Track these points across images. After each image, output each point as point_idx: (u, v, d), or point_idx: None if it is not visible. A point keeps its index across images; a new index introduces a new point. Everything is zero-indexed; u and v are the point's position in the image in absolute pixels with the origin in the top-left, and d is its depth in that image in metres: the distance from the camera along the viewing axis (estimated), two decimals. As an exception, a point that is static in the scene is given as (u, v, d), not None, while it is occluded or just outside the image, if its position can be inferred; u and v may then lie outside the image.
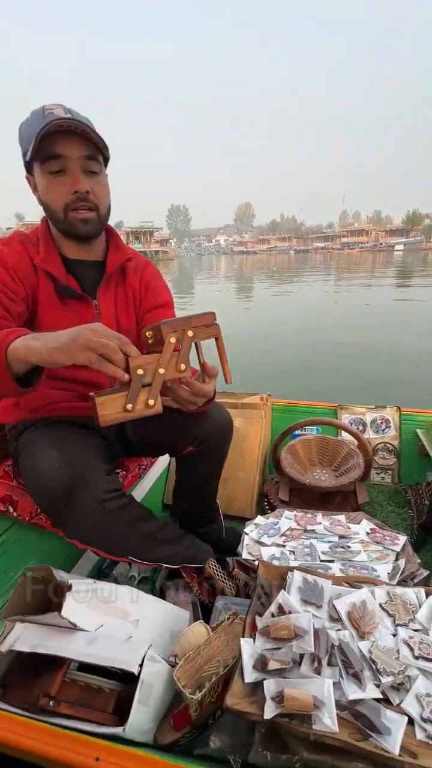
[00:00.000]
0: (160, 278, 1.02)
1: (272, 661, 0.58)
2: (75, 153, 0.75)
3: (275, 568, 0.78)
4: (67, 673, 0.57)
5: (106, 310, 0.90)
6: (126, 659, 0.56)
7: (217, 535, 1.12)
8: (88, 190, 0.77)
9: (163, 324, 0.61)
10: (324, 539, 0.99)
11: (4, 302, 0.77)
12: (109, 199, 0.84)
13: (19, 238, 0.85)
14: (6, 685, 0.59)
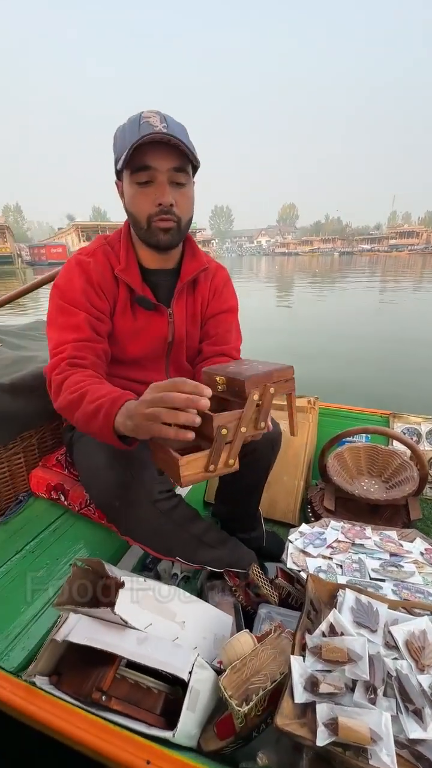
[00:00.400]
0: (230, 283, 1.01)
1: (324, 684, 0.56)
2: (164, 165, 0.75)
3: (325, 583, 0.75)
4: (118, 669, 0.58)
5: (178, 320, 0.91)
6: (177, 664, 0.56)
7: (257, 542, 1.11)
8: (172, 203, 0.77)
9: (248, 380, 0.57)
10: (374, 555, 0.94)
11: (94, 325, 0.80)
12: (191, 211, 0.84)
13: (102, 249, 0.86)
14: (60, 672, 0.61)
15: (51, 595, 0.80)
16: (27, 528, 0.99)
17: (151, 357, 0.92)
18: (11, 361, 1.20)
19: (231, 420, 0.57)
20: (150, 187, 0.76)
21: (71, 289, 0.81)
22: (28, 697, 0.56)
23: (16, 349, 1.35)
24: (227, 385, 0.60)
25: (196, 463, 0.56)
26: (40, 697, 0.56)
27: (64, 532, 0.98)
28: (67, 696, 0.58)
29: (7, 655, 0.67)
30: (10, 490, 1.07)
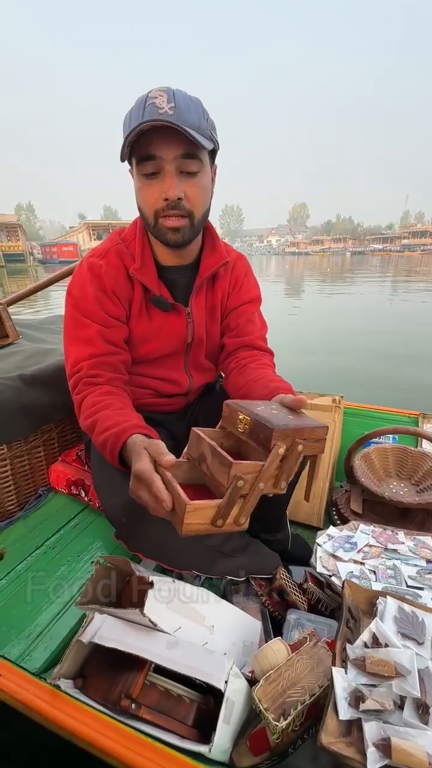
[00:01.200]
0: (250, 272, 0.95)
1: (370, 701, 0.51)
2: (170, 153, 0.66)
3: (363, 590, 0.71)
4: (147, 675, 0.55)
5: (197, 317, 0.87)
6: (212, 672, 0.52)
7: (282, 545, 1.06)
8: (180, 197, 0.69)
9: (276, 429, 0.49)
10: (409, 562, 0.89)
11: (109, 336, 0.77)
12: (206, 202, 0.75)
13: (116, 249, 0.81)
14: (85, 675, 0.58)
15: (73, 593, 0.77)
16: (47, 523, 0.96)
17: (169, 356, 0.88)
18: (31, 353, 1.18)
19: (250, 471, 0.49)
20: (156, 179, 0.69)
21: (84, 298, 0.77)
22: (53, 702, 0.53)
23: (36, 341, 1.33)
24: (251, 428, 0.53)
25: (204, 513, 0.49)
26: (66, 702, 0.53)
27: (84, 528, 0.95)
28: (93, 701, 0.54)
29: (29, 655, 0.64)
30: (29, 484, 1.05)
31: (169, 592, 0.62)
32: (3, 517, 0.98)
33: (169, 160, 0.67)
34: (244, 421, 0.54)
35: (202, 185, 0.72)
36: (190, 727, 0.52)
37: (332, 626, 0.79)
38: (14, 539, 0.91)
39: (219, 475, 0.51)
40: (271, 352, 0.93)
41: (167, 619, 0.59)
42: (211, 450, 0.54)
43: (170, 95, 0.65)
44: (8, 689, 0.55)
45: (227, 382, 0.89)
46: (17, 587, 0.78)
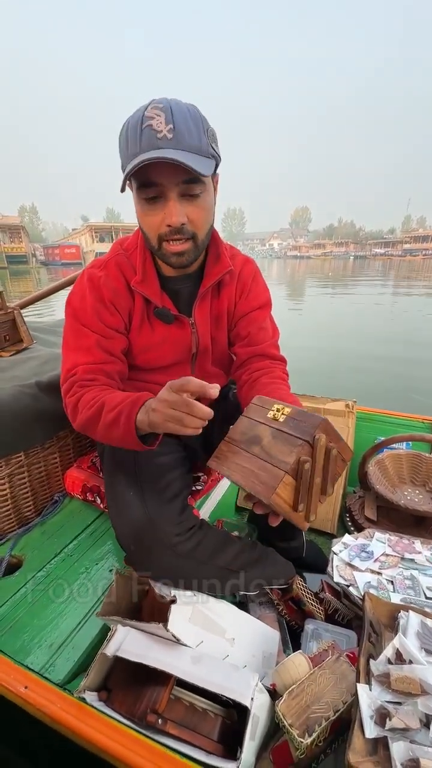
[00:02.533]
0: (259, 276, 0.92)
1: (396, 719, 0.51)
2: (172, 180, 0.64)
3: (384, 603, 0.70)
4: (173, 689, 0.55)
5: (201, 327, 0.85)
6: (237, 689, 0.52)
7: (297, 552, 1.06)
8: (184, 222, 0.67)
9: (323, 421, 0.53)
10: (427, 572, 0.88)
11: (107, 346, 0.76)
12: (210, 221, 0.73)
13: (116, 260, 0.80)
14: (109, 689, 0.58)
15: (93, 601, 0.78)
16: (64, 529, 0.97)
17: (175, 364, 0.87)
18: (47, 358, 1.18)
19: (308, 459, 0.52)
20: (158, 204, 0.67)
21: (83, 309, 0.77)
22: (80, 715, 0.53)
23: (50, 346, 1.34)
24: (291, 416, 0.56)
25: (290, 492, 0.52)
26: (93, 715, 0.53)
27: (101, 534, 0.96)
28: (119, 715, 0.55)
29: (53, 666, 0.65)
30: (46, 490, 1.06)
31: (190, 606, 0.62)
32: (21, 523, 0.99)
33: (171, 186, 0.65)
34: (281, 410, 0.58)
35: (206, 206, 0.70)
36: (215, 743, 0.53)
37: (351, 637, 0.79)
38: (33, 546, 0.91)
39: (282, 454, 0.53)
40: (283, 359, 0.90)
41: (189, 633, 0.59)
42: (271, 432, 0.56)
43: (168, 114, 0.61)
44: (36, 702, 0.55)
45: (240, 394, 0.88)
46: (37, 595, 0.79)
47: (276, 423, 0.57)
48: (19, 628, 0.72)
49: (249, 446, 0.58)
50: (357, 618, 0.84)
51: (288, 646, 0.81)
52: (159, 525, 0.71)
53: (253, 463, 0.55)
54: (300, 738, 0.54)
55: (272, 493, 0.50)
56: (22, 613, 0.75)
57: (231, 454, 0.59)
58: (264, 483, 0.52)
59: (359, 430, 1.41)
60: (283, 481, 0.51)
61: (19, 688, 0.57)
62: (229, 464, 0.58)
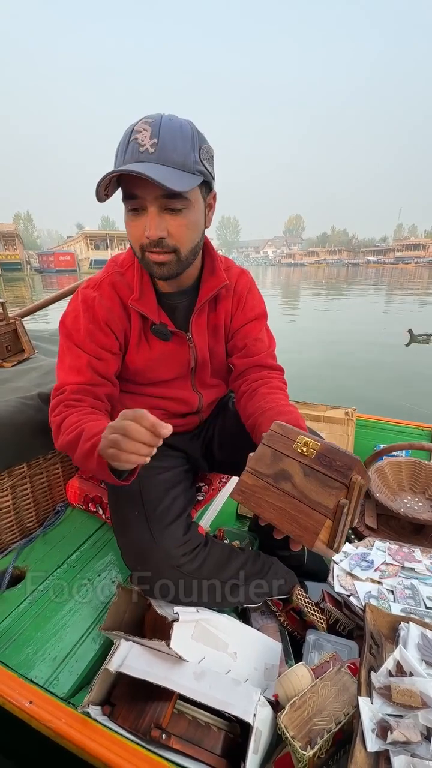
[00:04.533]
0: (254, 288, 0.93)
1: (397, 732, 0.52)
2: (151, 193, 0.64)
3: (385, 614, 0.71)
4: (176, 703, 0.56)
5: (199, 342, 0.85)
6: (240, 705, 0.53)
7: (298, 560, 1.06)
8: (162, 236, 0.67)
9: (360, 463, 0.54)
10: (427, 581, 0.89)
11: (98, 367, 0.75)
12: (195, 237, 0.72)
13: (110, 279, 0.79)
14: (113, 703, 0.59)
15: (96, 614, 0.78)
16: (66, 540, 0.97)
17: (175, 379, 0.88)
18: (48, 369, 1.19)
19: (346, 502, 0.52)
20: (141, 216, 0.67)
21: (76, 329, 0.76)
22: (84, 730, 0.54)
23: (51, 355, 1.34)
24: (322, 452, 0.55)
25: (327, 532, 0.52)
26: (97, 730, 0.54)
27: (104, 545, 0.96)
28: (123, 730, 0.55)
29: (56, 680, 0.65)
30: (48, 500, 1.06)
31: (193, 623, 0.63)
32: (23, 534, 0.99)
33: (150, 200, 0.65)
34: (309, 445, 0.56)
35: (189, 222, 0.69)
36: (219, 757, 0.53)
37: (352, 648, 0.79)
38: (35, 557, 0.92)
39: (319, 496, 0.52)
40: (280, 369, 0.91)
41: (192, 650, 0.60)
42: (302, 469, 0.55)
43: (155, 129, 0.62)
44: (40, 717, 0.56)
45: (238, 406, 0.89)
46: (41, 607, 0.79)
47: (306, 459, 0.55)
48: (23, 641, 0.72)
49: (278, 482, 0.55)
50: (358, 628, 0.85)
51: (290, 657, 0.81)
52: (164, 547, 0.71)
53: (286, 502, 0.53)
54: (302, 750, 0.54)
55: (315, 539, 0.50)
56: (25, 625, 0.75)
57: (259, 489, 0.56)
58: (304, 527, 0.51)
59: (359, 437, 1.42)
60: (324, 526, 0.51)
61: (24, 703, 0.58)
62: (258, 501, 0.56)
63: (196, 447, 1.00)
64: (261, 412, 0.77)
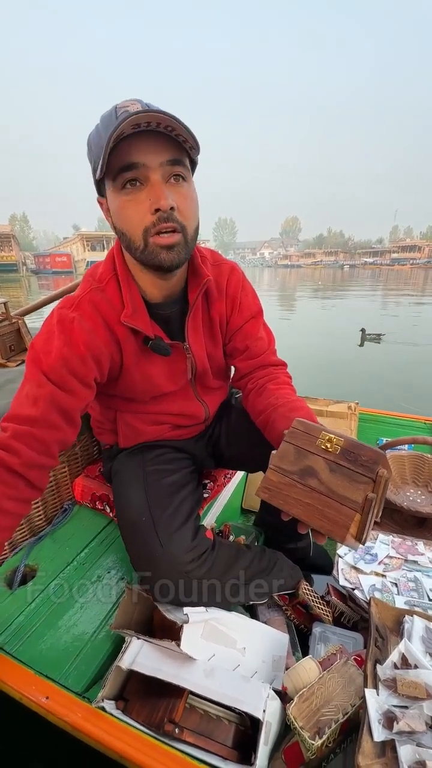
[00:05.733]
0: (246, 284, 0.87)
1: (403, 722, 0.54)
2: (156, 158, 0.58)
3: (389, 608, 0.73)
4: (187, 698, 0.57)
5: (197, 349, 0.81)
6: (250, 701, 0.55)
7: (304, 552, 1.08)
8: (173, 205, 0.60)
9: (386, 456, 0.55)
10: (430, 574, 0.91)
11: (60, 402, 0.64)
12: (197, 214, 0.67)
13: (89, 297, 0.70)
14: (126, 698, 0.61)
15: (107, 610, 0.80)
16: (75, 538, 0.99)
17: (176, 390, 0.85)
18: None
19: (374, 495, 0.53)
20: (141, 191, 0.60)
21: (46, 353, 0.65)
22: (101, 724, 0.56)
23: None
24: (347, 448, 0.56)
25: (355, 525, 0.54)
26: (114, 724, 0.56)
27: (112, 542, 0.98)
28: (137, 723, 0.57)
29: (71, 676, 0.67)
30: (56, 499, 1.08)
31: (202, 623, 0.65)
32: (32, 533, 1.01)
33: (154, 167, 0.59)
34: (333, 441, 0.57)
35: (192, 195, 0.65)
36: (230, 749, 0.55)
37: (357, 639, 0.81)
38: (45, 555, 0.94)
39: (346, 491, 0.54)
40: (284, 363, 0.91)
41: (201, 648, 0.61)
42: (328, 465, 0.56)
43: (144, 103, 0.59)
44: (57, 712, 0.58)
45: (246, 403, 0.87)
46: (52, 605, 0.81)
47: (330, 455, 0.57)
48: (36, 638, 0.74)
49: (304, 478, 0.56)
50: (363, 620, 0.87)
51: (297, 649, 0.83)
52: (172, 553, 0.71)
53: (314, 498, 0.55)
54: (311, 740, 0.56)
55: (346, 533, 0.51)
56: (38, 622, 0.77)
57: (285, 486, 0.57)
58: (334, 522, 0.53)
59: (362, 431, 1.43)
60: (354, 520, 0.52)
61: (40, 699, 0.60)
62: (285, 498, 0.57)
63: (203, 447, 1.00)
64: (273, 408, 0.76)
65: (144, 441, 0.91)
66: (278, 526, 1.10)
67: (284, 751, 0.62)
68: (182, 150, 0.61)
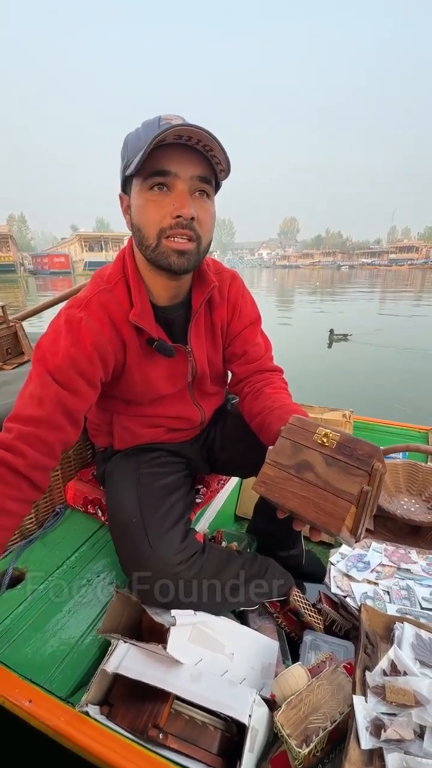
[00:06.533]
0: (246, 292, 0.90)
1: (391, 730, 0.53)
2: (188, 171, 0.62)
3: (379, 614, 0.72)
4: (173, 703, 0.56)
5: (198, 354, 0.83)
6: (236, 706, 0.54)
7: (296, 560, 1.08)
8: (194, 216, 0.63)
9: (380, 450, 0.55)
10: (422, 582, 0.90)
11: (65, 403, 0.65)
12: (213, 229, 0.70)
13: (98, 297, 0.71)
14: (111, 703, 0.60)
15: (95, 615, 0.79)
16: (66, 542, 0.98)
17: (173, 393, 0.86)
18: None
19: (369, 488, 0.54)
20: (166, 195, 0.63)
21: (53, 353, 0.66)
22: (84, 729, 0.55)
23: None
24: (343, 442, 0.57)
25: (351, 518, 0.53)
26: (97, 729, 0.55)
27: (102, 546, 0.97)
28: (121, 729, 0.56)
29: (56, 680, 0.66)
30: (47, 502, 1.07)
31: (190, 627, 0.64)
32: (23, 536, 1.00)
33: (185, 178, 0.62)
34: (329, 436, 0.58)
35: (212, 211, 0.68)
36: (215, 756, 0.54)
37: (348, 648, 0.80)
38: (35, 559, 0.92)
39: (342, 483, 0.54)
40: (280, 369, 0.92)
41: (188, 652, 0.61)
42: (324, 459, 0.56)
43: (184, 120, 0.62)
44: (40, 716, 0.56)
45: (242, 407, 0.89)
46: (40, 608, 0.80)
47: (327, 449, 0.57)
48: (22, 642, 0.73)
49: (300, 472, 0.57)
50: (354, 629, 0.86)
51: (287, 657, 0.82)
52: (161, 555, 0.70)
53: (310, 491, 0.55)
54: (298, 748, 0.55)
55: (342, 524, 0.51)
56: (25, 626, 0.76)
57: (281, 480, 0.57)
58: (330, 514, 0.53)
59: (356, 439, 1.43)
60: (349, 512, 0.52)
61: (23, 702, 0.59)
62: (281, 491, 0.57)
63: (197, 451, 1.00)
64: (269, 410, 0.77)
65: (139, 444, 0.91)
66: (271, 533, 1.10)
67: (271, 760, 0.60)
68: (213, 170, 0.65)
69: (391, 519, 1.16)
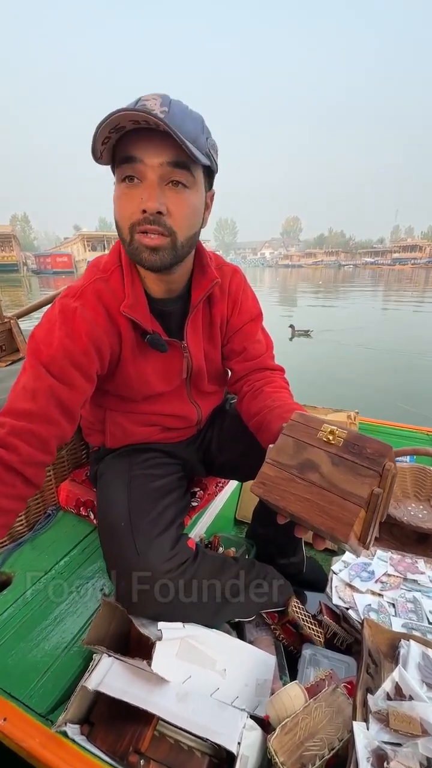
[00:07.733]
0: (248, 288, 0.87)
1: (395, 762, 0.48)
2: (155, 157, 0.56)
3: (384, 630, 0.67)
4: (156, 725, 0.52)
5: (195, 350, 0.80)
6: (224, 732, 0.50)
7: (297, 568, 1.03)
8: (161, 210, 0.58)
9: (392, 449, 0.51)
10: (430, 594, 0.85)
11: (60, 396, 0.62)
12: (194, 224, 0.65)
13: (93, 286, 0.69)
14: (91, 722, 0.55)
15: (81, 624, 0.75)
16: (56, 545, 0.94)
17: (169, 390, 0.82)
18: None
19: (380, 490, 0.48)
20: (136, 188, 0.59)
21: (47, 344, 0.63)
22: (58, 752, 0.51)
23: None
24: (350, 440, 0.52)
25: (359, 524, 0.48)
26: (72, 753, 0.51)
27: (93, 551, 0.93)
28: (101, 752, 0.52)
29: (36, 694, 0.62)
30: (39, 504, 1.04)
31: (178, 641, 0.60)
32: (12, 539, 0.96)
33: (153, 165, 0.57)
34: (335, 433, 0.53)
35: (191, 203, 0.62)
36: (202, 785, 0.50)
37: (350, 664, 0.75)
38: (23, 563, 0.89)
39: (350, 485, 0.49)
40: (281, 369, 0.88)
41: (176, 669, 0.56)
42: (330, 458, 0.52)
43: (165, 100, 0.56)
44: (14, 736, 0.53)
45: (240, 406, 0.85)
46: (25, 615, 0.76)
47: (332, 447, 0.52)
48: (4, 652, 0.69)
49: (303, 472, 0.52)
50: (356, 643, 0.81)
51: (284, 672, 0.77)
52: (149, 561, 0.65)
53: (314, 493, 0.50)
54: (292, 779, 0.51)
55: (350, 531, 0.46)
56: (7, 635, 0.72)
57: (282, 481, 0.52)
58: (336, 519, 0.47)
59: (361, 441, 1.38)
60: (358, 517, 0.47)
61: (-2, 720, 0.55)
62: (282, 493, 0.52)
63: (193, 452, 0.96)
64: (269, 409, 0.73)
65: (132, 443, 0.87)
66: (271, 539, 1.05)
67: (264, 789, 0.56)
68: (186, 151, 0.57)
69: (398, 526, 1.10)
